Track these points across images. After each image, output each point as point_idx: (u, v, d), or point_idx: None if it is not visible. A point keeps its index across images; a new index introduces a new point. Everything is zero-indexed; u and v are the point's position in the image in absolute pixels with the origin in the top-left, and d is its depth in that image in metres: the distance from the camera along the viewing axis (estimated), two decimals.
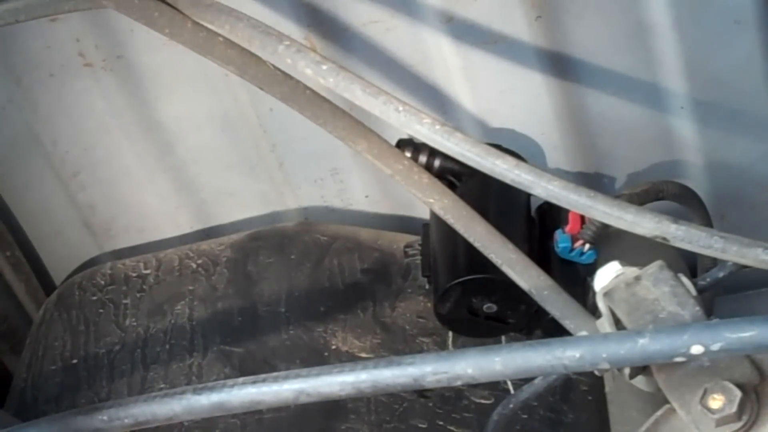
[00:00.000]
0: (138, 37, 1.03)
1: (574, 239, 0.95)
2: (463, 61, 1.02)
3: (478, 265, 0.87)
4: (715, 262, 0.85)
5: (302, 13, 0.99)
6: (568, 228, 0.95)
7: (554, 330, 0.79)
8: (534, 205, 1.02)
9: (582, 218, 0.95)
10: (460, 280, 0.95)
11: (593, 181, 1.10)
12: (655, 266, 0.70)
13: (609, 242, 0.94)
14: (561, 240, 0.95)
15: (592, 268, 0.90)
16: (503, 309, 0.96)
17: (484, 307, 0.96)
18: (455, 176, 0.99)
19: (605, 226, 0.92)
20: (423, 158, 0.98)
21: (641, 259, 0.73)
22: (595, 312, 0.74)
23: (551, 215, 1.00)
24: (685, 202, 0.97)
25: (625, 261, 0.73)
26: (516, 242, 0.82)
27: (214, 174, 1.15)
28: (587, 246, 0.95)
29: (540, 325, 0.98)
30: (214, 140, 1.12)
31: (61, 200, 1.17)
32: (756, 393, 0.66)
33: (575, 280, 0.94)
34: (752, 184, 1.09)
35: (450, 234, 0.84)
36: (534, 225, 1.00)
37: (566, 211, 0.96)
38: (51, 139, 1.12)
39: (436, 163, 0.98)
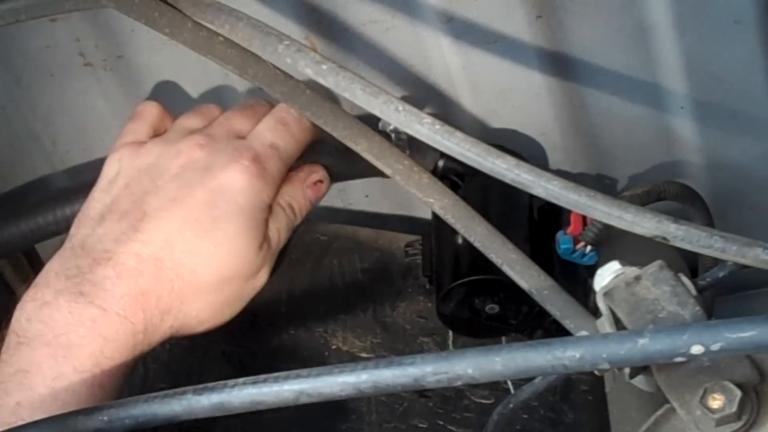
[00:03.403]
0: (138, 37, 1.03)
1: (576, 241, 0.95)
2: (463, 61, 1.02)
3: (483, 265, 0.87)
4: (716, 262, 0.85)
5: (302, 13, 0.99)
6: (570, 229, 0.95)
7: (555, 332, 0.79)
8: (535, 206, 1.02)
9: (584, 220, 0.95)
10: (465, 280, 0.95)
11: (595, 182, 1.10)
12: (655, 266, 0.70)
13: (610, 243, 0.94)
14: (563, 241, 0.95)
15: (593, 270, 0.90)
16: (505, 310, 0.96)
17: (487, 307, 0.96)
18: (458, 177, 0.99)
19: (607, 228, 0.93)
20: None
21: (642, 259, 0.73)
22: (596, 314, 0.74)
23: (553, 217, 1.00)
24: (686, 202, 0.97)
25: (626, 262, 0.73)
26: (518, 243, 0.82)
27: None
28: (589, 248, 0.95)
29: (541, 327, 0.98)
30: None
31: None
32: (756, 393, 0.66)
33: (577, 281, 0.94)
34: (752, 184, 1.09)
35: (453, 233, 0.84)
36: (536, 226, 1.00)
37: (568, 213, 0.96)
38: (51, 138, 1.12)
39: (440, 163, 0.98)
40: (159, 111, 0.94)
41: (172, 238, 0.84)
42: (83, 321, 0.81)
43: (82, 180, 0.94)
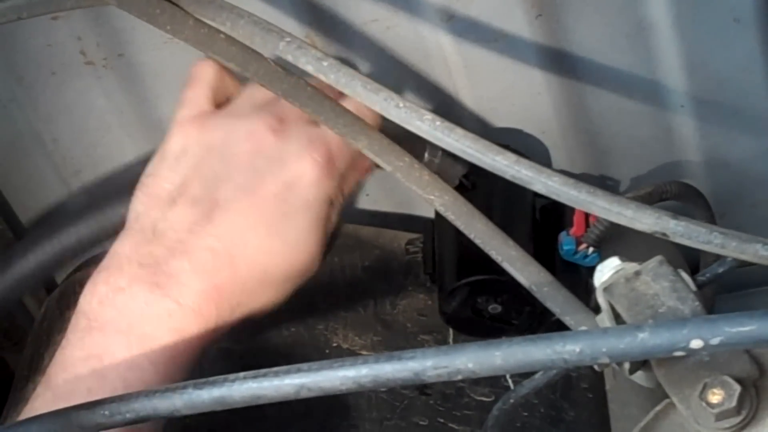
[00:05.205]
0: (139, 36, 1.03)
1: (578, 242, 0.95)
2: (463, 60, 1.02)
3: (486, 265, 0.87)
4: (717, 259, 0.85)
5: (303, 11, 0.99)
6: (572, 231, 0.96)
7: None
8: (537, 207, 1.02)
9: (587, 221, 0.95)
10: (468, 280, 0.95)
11: (596, 183, 1.09)
12: (654, 261, 0.70)
13: (611, 243, 0.94)
14: (565, 242, 0.95)
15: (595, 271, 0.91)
16: (508, 310, 0.96)
17: (489, 307, 0.96)
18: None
19: (609, 229, 0.93)
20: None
21: (642, 258, 0.73)
22: (597, 312, 0.74)
23: (555, 217, 1.00)
24: (689, 201, 0.98)
25: (626, 259, 0.73)
26: (520, 242, 0.82)
27: None
28: (591, 249, 0.95)
29: (542, 328, 0.98)
30: None
31: (63, 198, 1.17)
32: (755, 387, 0.66)
33: (579, 282, 0.94)
34: (753, 182, 1.09)
35: (455, 232, 0.84)
36: (538, 226, 1.00)
37: (570, 213, 0.96)
38: (52, 137, 1.13)
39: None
40: (217, 71, 0.90)
41: (246, 234, 0.84)
42: (159, 313, 0.81)
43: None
